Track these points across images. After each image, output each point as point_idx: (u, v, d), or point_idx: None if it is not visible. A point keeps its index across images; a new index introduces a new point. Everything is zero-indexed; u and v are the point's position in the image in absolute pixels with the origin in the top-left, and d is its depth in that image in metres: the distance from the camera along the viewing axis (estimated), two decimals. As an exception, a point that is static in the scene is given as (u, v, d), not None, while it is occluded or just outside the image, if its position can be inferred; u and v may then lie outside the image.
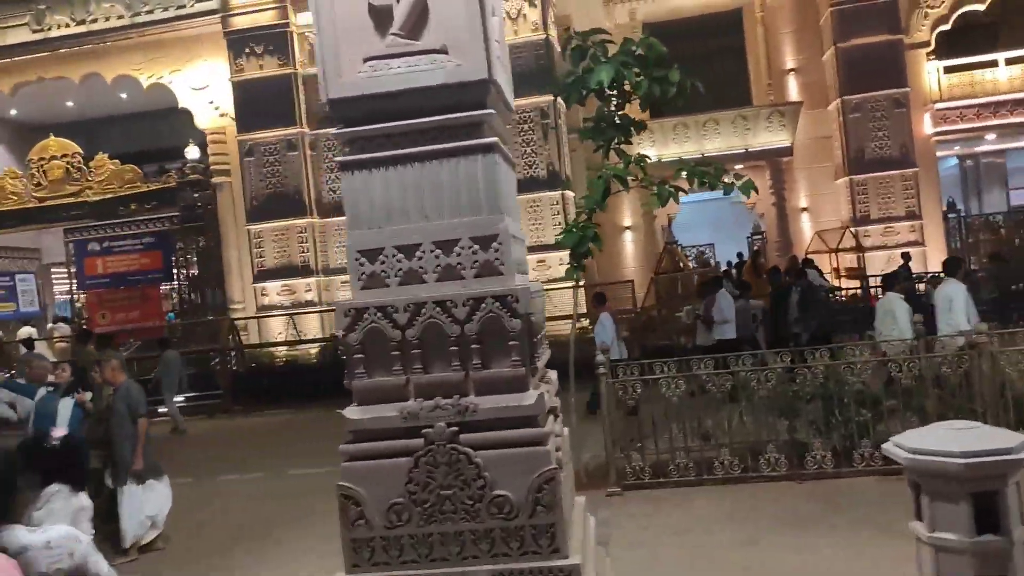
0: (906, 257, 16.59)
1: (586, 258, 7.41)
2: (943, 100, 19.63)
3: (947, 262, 9.16)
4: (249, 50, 17.06)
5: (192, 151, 18.41)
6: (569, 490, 3.63)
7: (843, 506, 6.36)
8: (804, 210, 20.38)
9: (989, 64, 19.89)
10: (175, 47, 18.00)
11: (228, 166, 18.25)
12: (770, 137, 19.62)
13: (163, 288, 18.95)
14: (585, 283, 9.53)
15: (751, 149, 19.48)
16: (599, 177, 6.98)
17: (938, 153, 20.41)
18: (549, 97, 16.02)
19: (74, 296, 20.03)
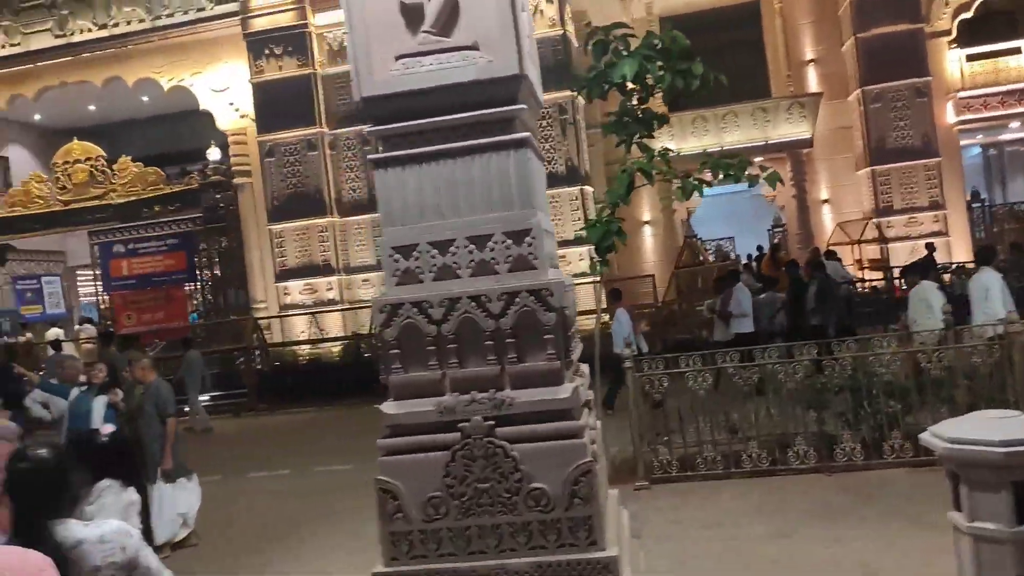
0: (930, 248, 16.41)
1: (610, 252, 7.40)
2: (966, 88, 19.37)
3: (981, 250, 9.02)
4: (268, 51, 17.17)
5: (214, 152, 18.55)
6: (603, 483, 3.65)
7: (873, 498, 6.32)
8: (825, 202, 20.21)
9: (1012, 51, 19.59)
10: (195, 50, 18.15)
11: (249, 167, 18.38)
12: (790, 129, 19.46)
13: (187, 288, 19.11)
14: (605, 278, 9.51)
15: (771, 141, 19.33)
16: (623, 171, 6.96)
17: (961, 142, 20.15)
18: (567, 93, 15.99)
19: (99, 298, 20.27)
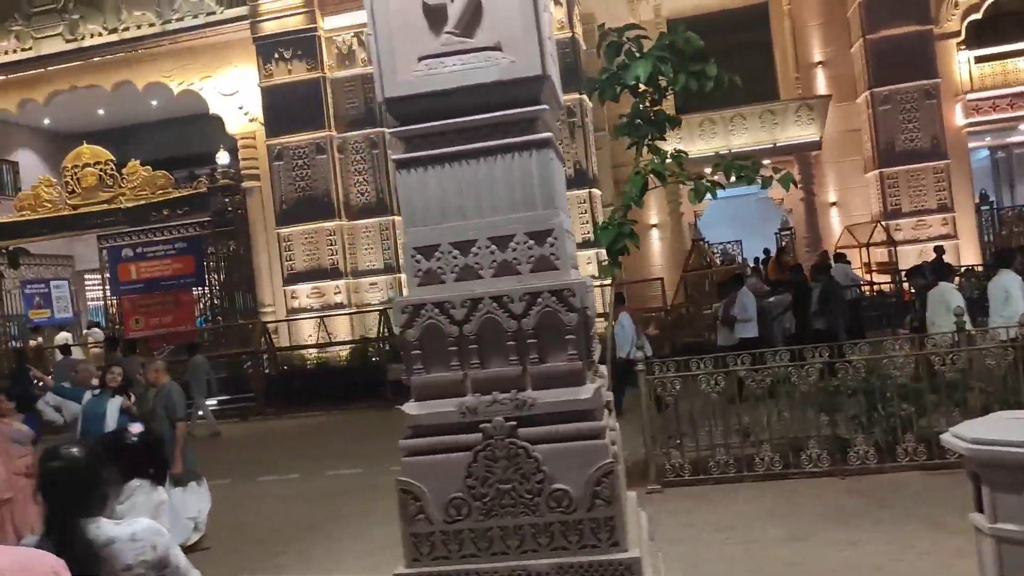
0: (939, 251, 16.36)
1: (622, 255, 7.42)
2: (975, 90, 19.34)
3: (1000, 253, 8.97)
4: (278, 55, 17.21)
5: (222, 156, 18.60)
6: (623, 485, 3.64)
7: (887, 501, 6.30)
8: (833, 204, 20.18)
9: (1021, 53, 19.56)
10: (205, 54, 18.20)
11: (257, 170, 18.42)
12: (798, 131, 19.45)
13: (195, 292, 19.13)
14: (614, 281, 9.52)
15: (779, 144, 19.31)
16: (637, 173, 6.98)
17: (970, 144, 20.11)
18: (576, 95, 16.01)
19: (106, 302, 20.32)
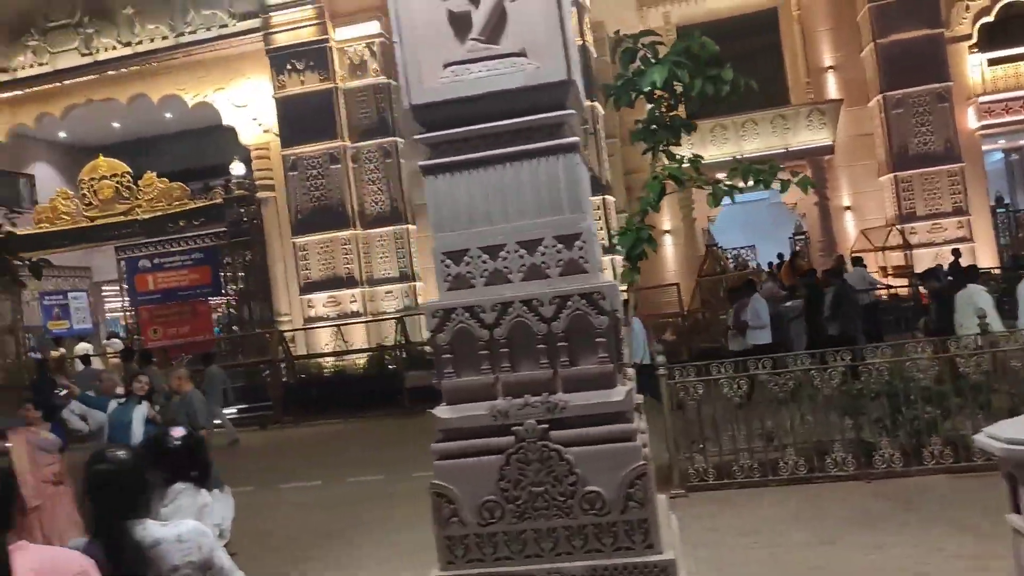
0: (956, 253, 16.28)
1: (641, 260, 7.41)
2: (987, 93, 19.27)
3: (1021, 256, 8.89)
4: (291, 66, 17.34)
5: (237, 167, 18.71)
6: (655, 487, 3.64)
7: (914, 504, 6.25)
8: (847, 209, 20.11)
9: (1034, 55, 19.50)
10: (219, 66, 18.37)
11: (272, 181, 18.54)
12: (810, 136, 19.42)
13: (211, 302, 19.24)
14: (632, 287, 9.51)
15: (791, 148, 19.28)
16: (655, 178, 6.98)
17: (983, 147, 20.02)
18: (588, 103, 16.02)
19: (124, 313, 20.45)
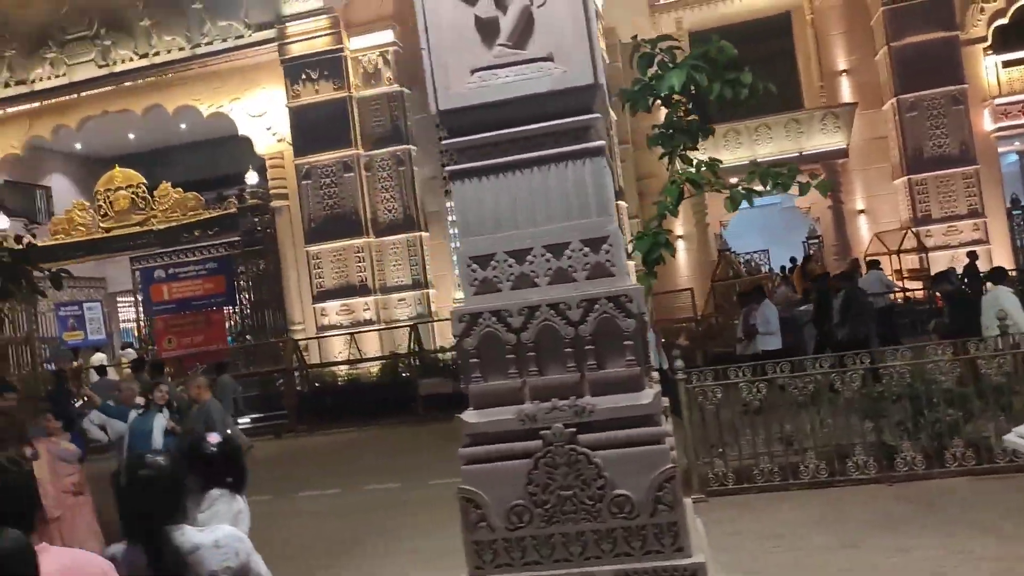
0: (972, 256, 16.16)
1: (658, 265, 7.41)
2: (1002, 95, 19.14)
3: None
4: (305, 76, 17.41)
5: (252, 176, 18.80)
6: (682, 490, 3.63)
7: (937, 507, 6.20)
8: (861, 212, 20.01)
9: (1050, 57, 19.35)
10: (234, 77, 18.46)
11: (286, 190, 18.60)
12: (824, 139, 19.36)
13: (225, 311, 19.30)
14: (649, 292, 9.50)
15: (805, 152, 19.20)
16: (672, 182, 6.99)
17: (999, 149, 19.89)
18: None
19: (138, 323, 20.55)
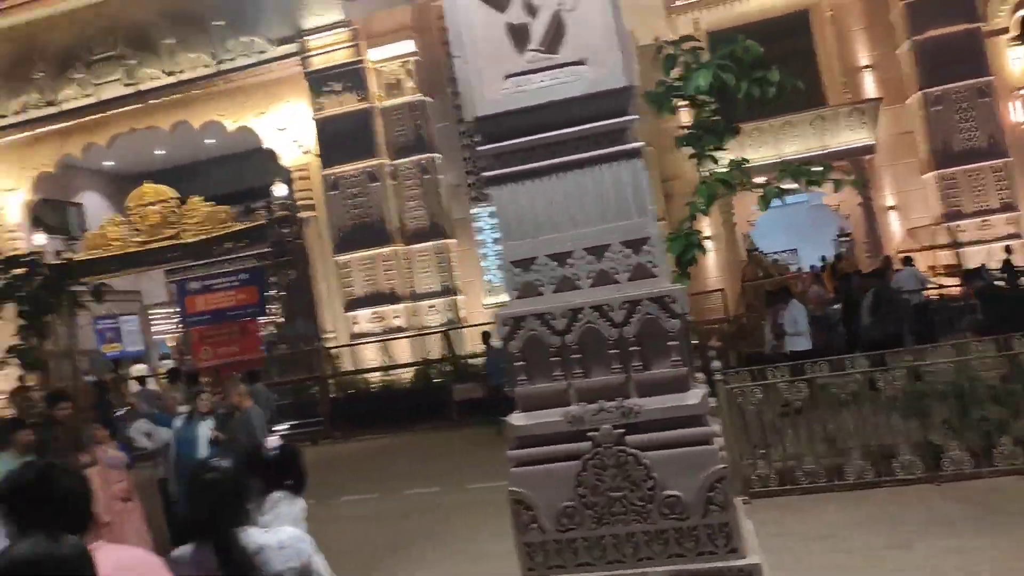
0: (1008, 251, 15.90)
1: (691, 265, 7.38)
2: (1031, 86, 18.81)
3: None
4: (328, 88, 17.60)
5: (280, 188, 19.02)
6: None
7: (989, 507, 6.08)
8: (892, 208, 19.75)
9: (1079, 44, 18.97)
10: (258, 91, 18.72)
11: (313, 201, 18.81)
12: (850, 136, 19.15)
13: (259, 321, 19.50)
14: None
15: (831, 149, 18.98)
16: (703, 182, 6.97)
17: (1030, 140, 19.55)
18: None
19: (173, 334, 20.85)
